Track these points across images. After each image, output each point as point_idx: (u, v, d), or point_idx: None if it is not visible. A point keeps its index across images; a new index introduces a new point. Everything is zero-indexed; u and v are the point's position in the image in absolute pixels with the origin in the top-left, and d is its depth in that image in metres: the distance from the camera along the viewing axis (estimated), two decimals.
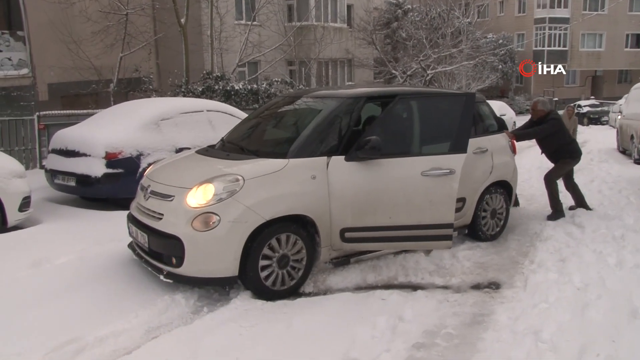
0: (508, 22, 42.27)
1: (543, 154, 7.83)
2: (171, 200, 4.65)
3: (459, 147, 5.17)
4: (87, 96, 14.87)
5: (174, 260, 4.52)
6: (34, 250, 5.62)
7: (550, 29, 40.58)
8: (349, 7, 27.37)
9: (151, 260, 4.81)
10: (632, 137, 14.10)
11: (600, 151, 15.81)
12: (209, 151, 5.61)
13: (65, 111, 12.03)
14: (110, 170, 7.62)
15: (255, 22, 19.78)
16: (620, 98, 24.94)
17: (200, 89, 14.89)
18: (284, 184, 4.66)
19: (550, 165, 7.73)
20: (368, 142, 4.86)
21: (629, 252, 5.65)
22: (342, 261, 5.27)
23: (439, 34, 25.82)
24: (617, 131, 16.74)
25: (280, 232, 4.65)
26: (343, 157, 4.93)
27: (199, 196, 4.51)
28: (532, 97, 37.30)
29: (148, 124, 8.15)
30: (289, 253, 4.71)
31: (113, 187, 7.70)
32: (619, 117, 17.01)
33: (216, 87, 15.16)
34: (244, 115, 9.66)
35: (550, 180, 7.51)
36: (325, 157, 4.90)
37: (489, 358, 3.66)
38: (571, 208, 7.69)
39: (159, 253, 4.69)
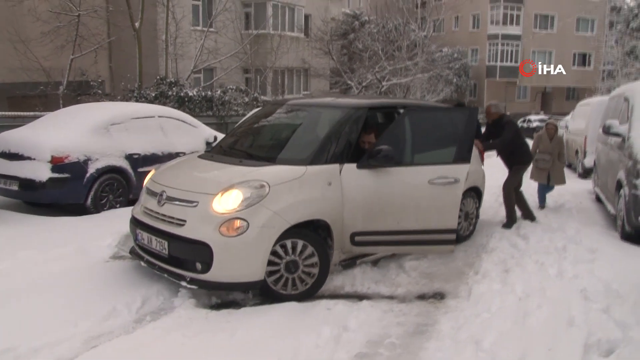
0: (462, 37, 43.25)
1: (499, 157, 8.03)
2: (195, 206, 4.64)
3: (463, 157, 5.59)
4: (35, 98, 14.37)
5: (199, 266, 4.51)
6: None
7: (502, 44, 41.76)
8: (307, 16, 27.49)
9: (169, 267, 4.75)
10: (576, 152, 14.58)
11: None
12: (214, 157, 5.66)
13: (10, 113, 11.61)
14: (55, 175, 7.42)
15: (211, 29, 19.63)
16: (567, 114, 25.75)
17: (154, 95, 14.65)
18: (305, 189, 4.86)
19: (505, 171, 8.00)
20: (380, 151, 5.16)
21: (569, 262, 5.82)
22: (349, 263, 5.50)
23: (395, 47, 26.18)
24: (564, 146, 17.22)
25: (295, 237, 4.77)
26: (355, 164, 5.18)
27: (226, 202, 4.57)
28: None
29: (97, 128, 8.00)
30: (300, 258, 4.80)
31: (59, 192, 7.52)
32: (565, 132, 17.55)
33: (170, 93, 14.95)
34: (196, 122, 9.61)
35: (508, 189, 7.75)
36: (338, 164, 5.14)
37: None
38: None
39: (180, 259, 4.66)
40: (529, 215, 7.95)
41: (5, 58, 14.43)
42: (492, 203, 8.98)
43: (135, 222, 5.19)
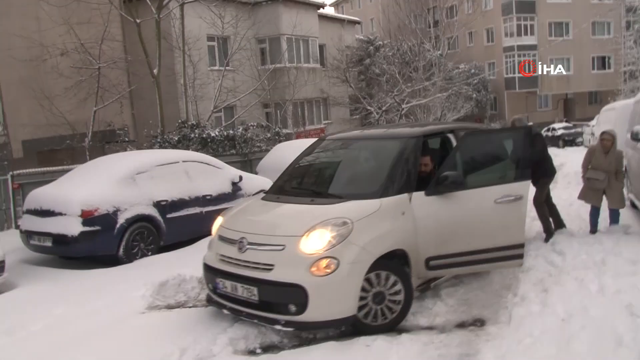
0: (478, 52, 43.18)
1: None
2: (282, 250, 4.71)
3: (523, 175, 5.72)
4: (63, 151, 14.71)
5: (292, 308, 4.56)
6: (9, 316, 5.49)
7: (519, 56, 41.46)
8: (321, 47, 27.75)
9: (260, 312, 4.77)
10: None
11: (577, 173, 15.74)
12: (280, 198, 5.75)
13: (39, 169, 11.85)
14: (87, 228, 7.56)
15: (228, 68, 19.92)
16: (592, 119, 25.35)
17: (176, 138, 14.83)
18: (383, 222, 5.00)
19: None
20: (447, 177, 5.34)
21: (609, 277, 5.61)
22: (424, 288, 5.65)
23: (411, 68, 26.24)
24: None
25: (378, 269, 4.83)
26: (421, 192, 5.35)
27: (313, 242, 4.66)
28: (507, 123, 37.88)
29: (124, 178, 8.14)
30: (385, 288, 4.88)
31: (91, 244, 7.65)
32: (591, 139, 17.25)
33: (192, 135, 15.11)
34: (220, 163, 9.68)
35: (539, 203, 7.74)
36: (407, 194, 5.30)
37: None
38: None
39: (271, 304, 4.69)
40: (560, 224, 7.92)
41: (32, 115, 14.84)
42: None
43: (214, 271, 5.18)
